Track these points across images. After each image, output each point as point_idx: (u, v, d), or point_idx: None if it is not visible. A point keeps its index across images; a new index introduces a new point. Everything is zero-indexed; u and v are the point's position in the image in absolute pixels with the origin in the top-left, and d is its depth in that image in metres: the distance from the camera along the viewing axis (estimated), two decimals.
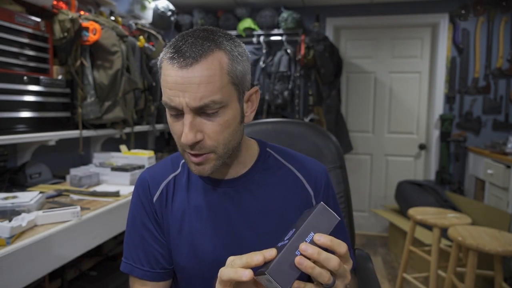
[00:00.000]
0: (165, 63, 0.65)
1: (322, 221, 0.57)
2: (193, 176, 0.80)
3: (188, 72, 0.62)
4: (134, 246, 0.79)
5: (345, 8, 3.59)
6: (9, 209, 1.27)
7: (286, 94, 3.39)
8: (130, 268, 0.78)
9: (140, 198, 0.80)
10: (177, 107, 0.64)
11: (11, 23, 1.64)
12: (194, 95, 0.62)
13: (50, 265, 1.20)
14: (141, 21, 2.77)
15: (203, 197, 0.78)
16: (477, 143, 3.37)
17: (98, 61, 2.10)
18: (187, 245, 0.76)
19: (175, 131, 0.69)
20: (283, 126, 1.14)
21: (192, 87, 0.62)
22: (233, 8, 3.59)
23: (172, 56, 0.64)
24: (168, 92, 0.64)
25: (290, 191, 0.79)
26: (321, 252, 0.54)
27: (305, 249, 0.53)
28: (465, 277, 1.86)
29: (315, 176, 0.81)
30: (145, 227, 0.79)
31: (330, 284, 0.55)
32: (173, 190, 0.80)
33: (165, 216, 0.78)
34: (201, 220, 0.76)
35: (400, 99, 3.73)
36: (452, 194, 3.14)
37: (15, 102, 1.68)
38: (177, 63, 0.63)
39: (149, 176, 0.82)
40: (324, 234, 0.55)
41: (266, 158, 0.81)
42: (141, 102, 2.61)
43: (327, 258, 0.54)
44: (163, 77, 0.66)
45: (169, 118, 0.69)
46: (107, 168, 1.86)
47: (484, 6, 3.32)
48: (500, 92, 3.33)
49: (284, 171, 0.81)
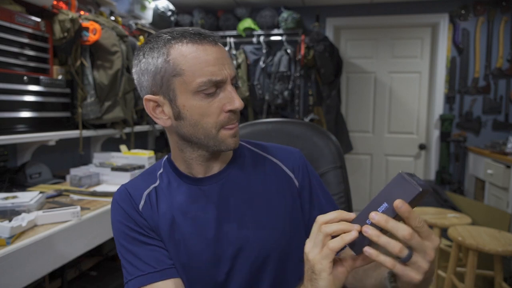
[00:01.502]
0: (190, 47, 0.68)
1: (399, 191, 0.53)
2: (174, 181, 0.80)
3: (219, 48, 0.71)
4: (134, 257, 0.75)
5: (345, 8, 3.59)
6: (9, 209, 1.27)
7: (286, 94, 3.39)
8: (140, 280, 0.73)
9: (124, 209, 0.78)
10: (223, 79, 0.69)
11: (11, 23, 1.64)
12: (231, 66, 0.72)
13: (50, 265, 1.20)
14: (141, 21, 2.77)
15: (188, 198, 0.78)
16: (477, 143, 3.37)
17: (98, 61, 2.10)
18: (180, 248, 0.75)
19: (212, 111, 0.70)
20: (283, 126, 1.14)
21: (228, 59, 0.71)
22: (233, 8, 3.59)
23: (197, 38, 0.69)
24: (211, 69, 0.68)
25: (270, 177, 0.81)
26: (388, 220, 0.52)
27: (373, 216, 0.53)
28: (465, 277, 1.86)
29: (291, 159, 0.84)
30: (138, 234, 0.76)
31: (405, 257, 0.52)
32: (156, 198, 0.79)
33: (155, 222, 0.77)
34: (190, 221, 0.76)
35: (400, 99, 3.73)
36: (452, 194, 3.14)
37: (15, 102, 1.68)
38: (207, 42, 0.69)
39: (128, 188, 0.80)
40: (406, 203, 0.52)
41: (242, 152, 0.84)
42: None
43: (396, 226, 0.52)
44: (195, 60, 0.68)
45: (201, 102, 0.69)
46: (107, 168, 1.86)
47: (484, 6, 3.32)
48: (500, 92, 3.33)
49: (262, 161, 0.83)
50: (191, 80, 0.68)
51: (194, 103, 0.69)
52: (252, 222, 0.76)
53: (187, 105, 0.70)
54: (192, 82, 0.68)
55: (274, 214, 0.77)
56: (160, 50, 0.69)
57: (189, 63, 0.68)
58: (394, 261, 0.53)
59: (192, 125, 0.71)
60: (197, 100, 0.69)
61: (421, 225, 0.52)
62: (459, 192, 3.36)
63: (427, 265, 0.52)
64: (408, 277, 0.53)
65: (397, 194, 0.53)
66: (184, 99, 0.70)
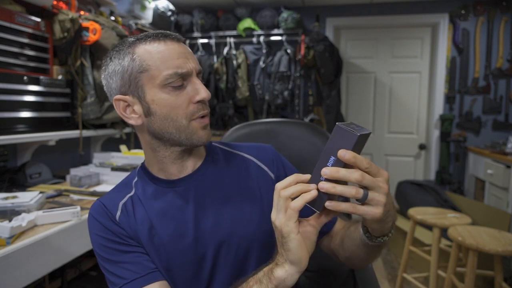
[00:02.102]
0: (154, 44, 0.72)
1: (340, 142, 0.56)
2: (149, 188, 0.79)
3: (181, 45, 0.74)
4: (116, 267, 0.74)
5: (345, 8, 3.59)
6: (9, 209, 1.27)
7: (286, 94, 3.39)
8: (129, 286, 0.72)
9: (100, 222, 0.77)
10: (188, 72, 0.72)
11: (11, 23, 1.64)
12: (195, 60, 0.75)
13: (50, 265, 1.20)
14: (141, 21, 2.77)
15: (164, 202, 0.77)
16: (477, 143, 3.37)
17: (98, 61, 2.10)
18: (161, 252, 0.75)
19: (180, 103, 0.72)
20: (283, 126, 1.14)
21: (191, 55, 0.75)
22: (233, 8, 3.59)
23: (160, 35, 0.73)
24: (176, 62, 0.71)
25: (245, 172, 0.83)
26: (339, 170, 0.55)
27: (325, 172, 0.56)
28: (465, 277, 1.86)
29: (265, 155, 0.86)
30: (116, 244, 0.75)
31: (362, 197, 0.56)
32: (132, 206, 0.78)
33: (133, 229, 0.76)
34: (168, 224, 0.76)
35: (400, 99, 3.73)
36: (452, 194, 3.14)
37: (15, 102, 1.68)
38: (169, 39, 0.73)
39: (103, 201, 0.80)
40: (349, 151, 0.55)
41: (214, 150, 0.85)
42: None
43: (347, 173, 0.55)
44: (159, 55, 0.71)
45: (169, 95, 0.71)
46: (107, 168, 1.86)
47: (484, 6, 3.32)
48: (500, 92, 3.33)
49: (235, 158, 0.85)
50: (158, 74, 0.70)
51: (162, 97, 0.71)
52: (229, 218, 0.77)
53: (156, 99, 0.72)
54: (158, 76, 0.70)
55: (249, 208, 0.79)
56: (126, 50, 0.72)
57: (154, 58, 0.71)
58: (354, 205, 0.57)
59: (162, 119, 0.72)
60: (165, 93, 0.71)
61: (369, 165, 0.56)
62: (459, 192, 3.36)
63: (383, 198, 0.56)
64: (370, 214, 0.57)
65: (340, 145, 0.56)
66: (152, 94, 0.72)
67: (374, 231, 0.64)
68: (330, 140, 0.57)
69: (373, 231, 0.64)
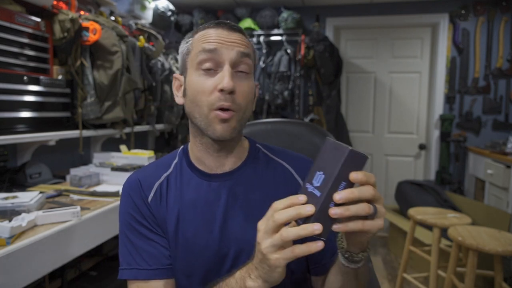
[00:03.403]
0: (207, 30, 0.74)
1: (353, 166, 0.54)
2: (186, 174, 0.80)
3: (231, 33, 0.74)
4: (134, 249, 0.76)
5: (345, 8, 3.59)
6: (9, 209, 1.27)
7: (286, 94, 3.39)
8: (135, 273, 0.75)
9: (133, 199, 0.79)
10: (217, 49, 0.71)
11: (11, 23, 1.64)
12: (236, 46, 0.73)
13: (50, 265, 1.20)
14: (141, 21, 2.77)
15: (198, 192, 0.78)
16: (477, 143, 3.37)
17: (98, 61, 2.10)
18: (186, 242, 0.76)
19: (205, 88, 0.72)
20: (283, 126, 1.14)
21: (236, 41, 0.73)
22: (233, 8, 3.59)
23: (217, 24, 0.75)
24: (211, 41, 0.72)
25: (281, 182, 0.81)
26: (353, 191, 0.53)
27: (339, 198, 0.53)
28: (465, 277, 1.86)
29: (302, 166, 0.84)
30: (142, 227, 0.77)
31: (373, 212, 0.54)
32: (166, 189, 0.79)
33: (162, 215, 0.78)
34: (197, 216, 0.77)
35: (400, 99, 3.73)
36: (452, 194, 3.14)
37: (15, 102, 1.68)
38: (221, 27, 0.74)
39: (140, 177, 0.81)
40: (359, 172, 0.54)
41: (257, 153, 0.84)
42: (141, 102, 2.61)
43: (361, 192, 0.53)
44: (202, 37, 0.74)
45: (199, 78, 0.72)
46: (107, 168, 1.86)
47: (484, 6, 3.32)
48: (500, 92, 3.33)
49: (274, 164, 0.83)
50: (194, 55, 0.74)
51: (193, 79, 0.73)
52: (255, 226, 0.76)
53: (189, 81, 0.74)
54: (194, 57, 0.74)
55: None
56: (189, 35, 0.78)
57: (198, 40, 0.74)
58: (362, 221, 0.54)
59: (191, 102, 0.74)
60: (196, 76, 0.73)
61: (374, 180, 0.55)
62: (459, 192, 3.36)
63: (383, 208, 0.56)
64: (376, 227, 0.55)
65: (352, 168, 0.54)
66: (189, 76, 0.75)
67: (355, 248, 0.62)
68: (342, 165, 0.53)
69: (354, 249, 0.62)
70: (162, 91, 2.87)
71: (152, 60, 2.74)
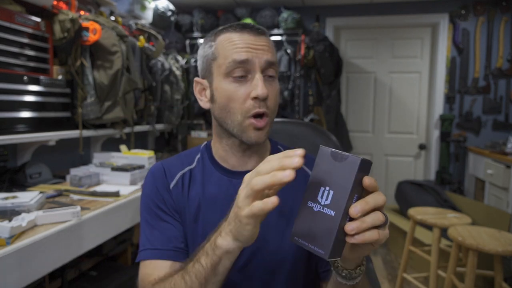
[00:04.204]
0: (231, 34, 0.74)
1: (362, 175, 0.50)
2: (208, 169, 0.81)
3: (257, 37, 0.74)
4: (150, 231, 0.77)
5: (345, 8, 3.59)
6: (9, 209, 1.27)
7: (286, 94, 3.39)
8: (147, 253, 0.75)
9: (156, 184, 0.80)
10: (249, 60, 0.71)
11: (11, 23, 1.64)
12: (265, 53, 0.73)
13: (50, 265, 1.20)
14: (141, 21, 2.77)
15: (219, 188, 0.79)
16: (477, 143, 3.37)
17: (98, 61, 2.10)
18: (202, 236, 0.76)
19: (238, 96, 0.72)
20: (283, 126, 1.14)
21: (263, 47, 0.73)
22: (233, 8, 3.59)
23: (241, 28, 0.74)
24: (238, 50, 0.72)
25: (300, 185, 0.80)
26: (368, 201, 0.50)
27: (356, 212, 0.50)
28: (465, 277, 1.86)
29: None
30: (160, 210, 0.78)
31: (385, 220, 0.52)
32: (189, 181, 0.81)
33: (182, 205, 0.79)
34: (216, 211, 0.77)
35: (400, 99, 3.73)
36: (452, 194, 3.14)
37: (15, 102, 1.68)
38: (247, 32, 0.73)
39: (165, 165, 0.83)
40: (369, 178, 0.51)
41: None
42: (141, 102, 2.61)
43: (374, 199, 0.51)
44: (228, 44, 0.73)
45: (230, 85, 0.72)
46: (107, 168, 1.86)
47: (484, 6, 3.32)
48: (500, 92, 3.33)
49: None
50: (222, 62, 0.73)
51: (223, 86, 0.73)
52: (274, 224, 0.76)
53: (218, 87, 0.74)
54: (222, 65, 0.73)
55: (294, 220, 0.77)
56: (210, 38, 0.77)
57: (224, 47, 0.73)
58: (377, 230, 0.51)
59: (221, 108, 0.75)
60: (226, 83, 0.73)
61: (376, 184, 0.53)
62: (459, 192, 3.36)
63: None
64: (385, 236, 0.52)
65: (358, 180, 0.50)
66: (217, 82, 0.75)
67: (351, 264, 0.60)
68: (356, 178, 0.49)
69: (350, 265, 0.60)
70: (162, 91, 2.87)
71: (152, 60, 2.74)
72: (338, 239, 0.50)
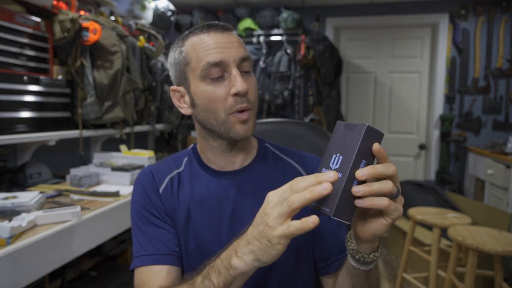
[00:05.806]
0: (199, 36, 0.74)
1: (371, 143, 0.53)
2: (196, 171, 0.82)
3: (225, 34, 0.74)
4: (143, 237, 0.77)
5: (345, 8, 3.59)
6: (9, 209, 1.27)
7: (286, 94, 3.39)
8: (142, 259, 0.75)
9: (145, 189, 0.80)
10: (223, 61, 0.71)
11: (11, 23, 1.64)
12: (237, 49, 0.73)
13: (50, 265, 1.20)
14: (141, 21, 2.77)
15: (208, 190, 0.79)
16: (477, 143, 3.37)
17: (98, 61, 2.10)
18: (194, 237, 0.77)
19: (219, 95, 0.72)
20: (283, 126, 1.14)
21: (233, 44, 0.73)
22: (233, 8, 3.59)
23: (208, 28, 0.74)
24: (210, 52, 0.71)
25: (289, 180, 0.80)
26: (375, 166, 0.52)
27: (362, 174, 0.51)
28: (465, 277, 1.86)
29: (311, 165, 0.84)
30: (152, 215, 0.78)
31: (397, 192, 0.53)
32: (178, 184, 0.81)
33: (172, 208, 0.79)
34: (206, 212, 0.78)
35: (400, 99, 3.73)
36: (452, 194, 3.14)
37: (15, 102, 1.68)
38: (214, 31, 0.74)
39: (153, 170, 0.83)
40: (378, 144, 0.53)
41: (265, 152, 0.85)
42: (141, 102, 2.61)
43: (384, 168, 0.52)
44: (199, 46, 0.73)
45: (208, 87, 0.72)
46: (107, 168, 1.86)
47: (484, 6, 3.32)
48: (500, 92, 3.33)
49: (283, 163, 0.84)
50: (196, 66, 0.73)
51: (202, 89, 0.73)
52: None
53: (197, 91, 0.74)
54: (197, 69, 0.72)
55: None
56: (178, 43, 0.77)
57: (195, 50, 0.73)
58: (386, 199, 0.52)
59: (203, 111, 0.74)
60: (204, 85, 0.73)
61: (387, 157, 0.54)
62: (459, 192, 3.36)
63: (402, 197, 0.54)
64: (399, 211, 0.53)
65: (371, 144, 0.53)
66: (195, 86, 0.74)
67: (366, 247, 0.60)
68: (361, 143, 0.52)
69: (365, 249, 0.60)
70: (162, 91, 2.87)
71: (152, 60, 2.74)
72: (345, 199, 0.52)
